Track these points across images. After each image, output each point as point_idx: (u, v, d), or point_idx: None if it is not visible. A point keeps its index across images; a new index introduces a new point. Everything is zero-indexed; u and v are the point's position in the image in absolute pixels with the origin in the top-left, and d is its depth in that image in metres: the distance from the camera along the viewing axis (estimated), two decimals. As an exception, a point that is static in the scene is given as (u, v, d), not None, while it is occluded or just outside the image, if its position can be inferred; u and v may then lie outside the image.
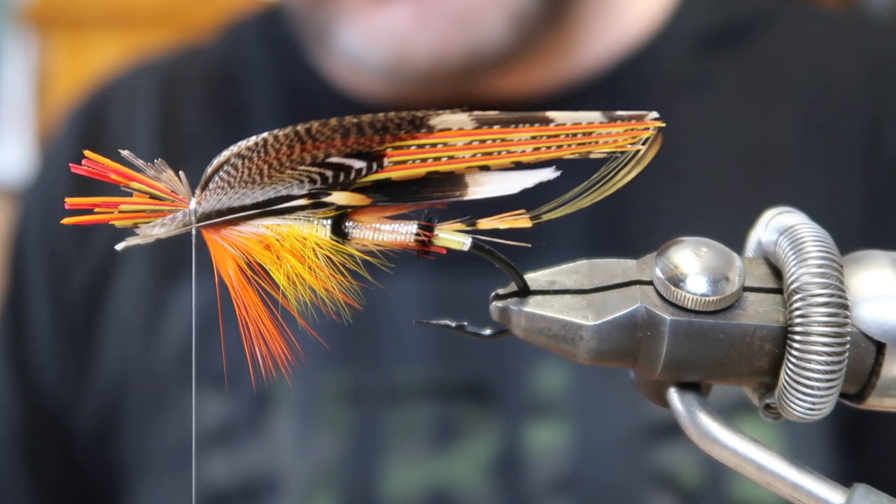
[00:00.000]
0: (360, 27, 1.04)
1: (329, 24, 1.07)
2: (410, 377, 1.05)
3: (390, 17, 1.03)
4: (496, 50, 1.04)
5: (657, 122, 0.50)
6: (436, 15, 1.02)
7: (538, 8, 1.04)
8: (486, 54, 1.04)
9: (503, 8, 1.03)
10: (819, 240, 0.50)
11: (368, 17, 1.04)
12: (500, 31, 1.03)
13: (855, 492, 0.49)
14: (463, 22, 1.02)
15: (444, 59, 1.03)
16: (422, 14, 1.02)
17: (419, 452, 1.03)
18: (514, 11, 1.03)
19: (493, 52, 1.04)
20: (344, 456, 1.04)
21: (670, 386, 0.52)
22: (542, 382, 1.03)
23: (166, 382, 1.10)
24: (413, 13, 1.02)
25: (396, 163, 0.50)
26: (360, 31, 1.05)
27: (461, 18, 1.02)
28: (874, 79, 1.11)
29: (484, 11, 1.02)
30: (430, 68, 1.04)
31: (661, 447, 1.01)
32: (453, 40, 1.03)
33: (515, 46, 1.04)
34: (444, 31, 1.02)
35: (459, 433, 1.04)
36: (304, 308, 0.52)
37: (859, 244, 0.56)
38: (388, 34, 1.03)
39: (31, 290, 1.19)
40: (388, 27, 1.03)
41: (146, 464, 1.11)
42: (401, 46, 1.03)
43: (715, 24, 1.14)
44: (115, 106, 1.21)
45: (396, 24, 1.03)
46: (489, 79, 1.08)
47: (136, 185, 0.51)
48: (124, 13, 2.69)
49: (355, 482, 1.03)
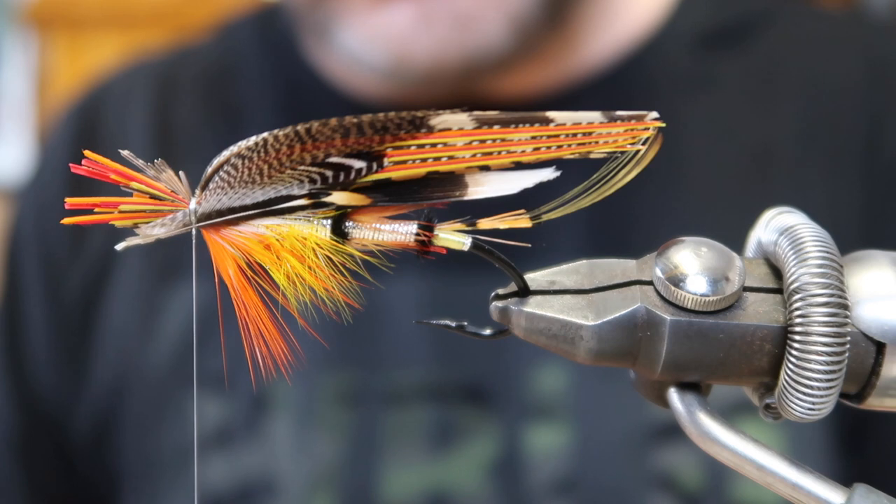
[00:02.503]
0: (360, 27, 1.04)
1: (329, 23, 1.07)
2: (409, 379, 1.05)
3: (391, 17, 1.03)
4: (496, 52, 1.04)
5: (657, 122, 0.50)
6: (437, 17, 1.02)
7: (538, 11, 1.04)
8: (486, 57, 1.04)
9: (503, 11, 1.02)
10: (819, 240, 0.50)
11: (369, 18, 1.03)
12: (500, 34, 1.03)
13: (855, 492, 0.49)
14: (463, 24, 1.02)
15: (444, 60, 1.03)
16: (423, 15, 1.02)
17: (418, 455, 1.03)
18: (514, 14, 1.03)
19: (493, 55, 1.04)
20: (342, 458, 1.04)
21: (670, 386, 0.52)
22: (542, 384, 1.03)
23: (164, 384, 1.10)
24: (414, 14, 1.02)
25: (396, 163, 0.50)
26: (361, 31, 1.04)
27: (462, 21, 1.02)
28: (874, 78, 1.11)
29: (484, 14, 1.02)
30: (429, 70, 1.04)
31: (662, 449, 1.01)
32: (453, 42, 1.02)
33: (515, 49, 1.04)
34: (445, 32, 1.02)
35: (459, 435, 1.03)
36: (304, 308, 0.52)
37: (859, 244, 0.56)
38: (389, 35, 1.03)
39: (27, 291, 1.18)
40: (388, 28, 1.03)
41: (144, 467, 1.11)
42: (401, 47, 1.03)
43: (715, 24, 1.14)
44: (110, 106, 1.21)
45: (397, 24, 1.03)
46: (489, 80, 1.08)
47: (136, 185, 0.51)
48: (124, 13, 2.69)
49: (354, 484, 1.03)
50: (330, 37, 1.08)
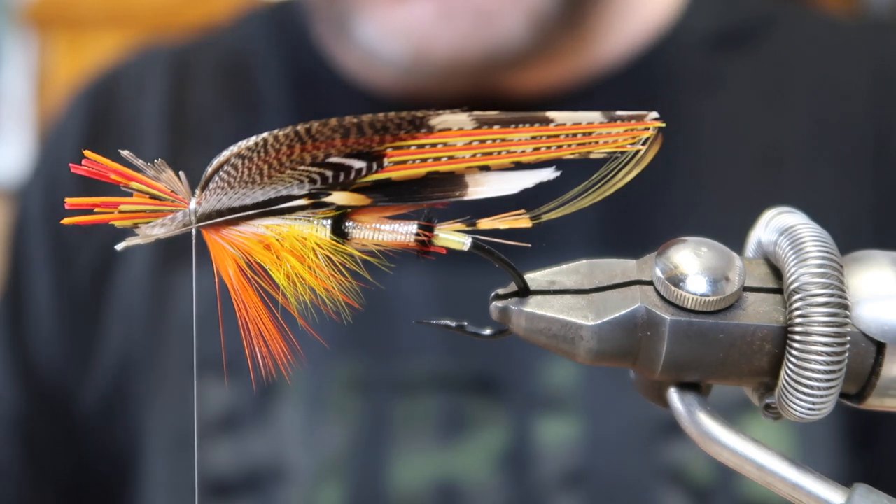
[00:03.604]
0: (380, 21, 1.05)
1: (348, 16, 1.07)
2: (420, 368, 1.05)
3: (411, 11, 1.03)
4: (515, 48, 1.04)
5: (657, 122, 0.50)
6: (457, 12, 1.02)
7: (557, 8, 1.04)
8: (504, 53, 1.04)
9: (523, 7, 1.03)
10: (819, 240, 0.50)
11: (389, 11, 1.04)
12: (519, 30, 1.03)
13: (855, 492, 0.49)
14: (483, 20, 1.03)
15: (462, 56, 1.03)
16: (443, 10, 1.02)
17: (428, 444, 1.03)
18: (533, 11, 1.03)
19: (511, 51, 1.04)
20: (352, 446, 1.04)
21: (670, 386, 0.52)
22: (553, 377, 1.03)
23: (171, 368, 1.10)
24: (434, 9, 1.02)
25: (396, 163, 0.50)
26: (380, 24, 1.05)
27: (482, 16, 1.03)
28: (882, 81, 1.11)
29: (504, 10, 1.03)
30: (448, 65, 1.04)
31: (672, 443, 1.01)
32: (473, 38, 1.03)
33: (533, 45, 1.05)
34: (465, 28, 1.03)
35: (468, 425, 1.04)
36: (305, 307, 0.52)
37: (869, 244, 0.56)
38: (409, 29, 1.03)
39: (33, 274, 1.18)
40: (408, 22, 1.03)
41: (150, 450, 1.11)
42: (420, 42, 1.03)
43: (724, 26, 1.15)
44: (124, 88, 1.21)
45: (417, 19, 1.03)
46: (506, 76, 1.08)
47: (136, 185, 0.51)
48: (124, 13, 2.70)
49: (363, 472, 1.03)
50: (348, 31, 1.08)
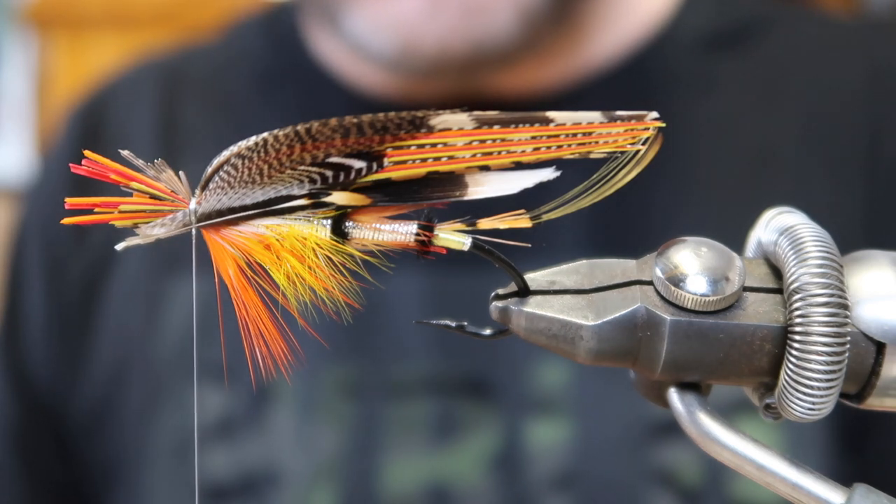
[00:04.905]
0: (369, 13, 1.04)
1: (337, 9, 1.07)
2: (411, 372, 1.05)
3: (400, 4, 1.03)
4: (503, 44, 1.04)
5: (657, 122, 0.50)
6: (446, 5, 1.02)
7: (547, 4, 1.04)
8: (493, 48, 1.04)
9: (512, 2, 1.03)
10: (819, 240, 0.50)
11: (378, 4, 1.04)
12: (508, 26, 1.03)
13: (855, 492, 0.49)
14: (473, 14, 1.03)
15: (451, 50, 1.03)
16: (432, 3, 1.02)
17: (419, 447, 1.04)
18: (523, 6, 1.03)
19: (500, 47, 1.04)
20: (344, 450, 1.04)
21: (670, 386, 0.52)
22: (544, 379, 1.03)
23: (165, 374, 1.10)
24: (423, 2, 1.02)
25: (396, 163, 0.50)
26: (369, 16, 1.05)
27: (471, 10, 1.02)
28: (876, 82, 1.11)
29: (493, 5, 1.03)
30: (436, 59, 1.04)
31: (662, 445, 1.01)
32: (462, 32, 1.03)
33: (523, 42, 1.04)
34: (454, 21, 1.03)
35: (460, 428, 1.04)
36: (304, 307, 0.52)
37: (861, 245, 0.56)
38: (397, 22, 1.03)
39: (28, 282, 1.19)
40: (397, 14, 1.03)
41: (144, 456, 1.11)
42: (409, 35, 1.03)
43: (718, 26, 1.14)
44: (116, 105, 1.21)
45: (406, 11, 1.03)
46: (494, 75, 1.08)
47: (135, 185, 0.51)
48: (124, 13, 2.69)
49: (355, 476, 1.03)
50: (337, 24, 1.08)
